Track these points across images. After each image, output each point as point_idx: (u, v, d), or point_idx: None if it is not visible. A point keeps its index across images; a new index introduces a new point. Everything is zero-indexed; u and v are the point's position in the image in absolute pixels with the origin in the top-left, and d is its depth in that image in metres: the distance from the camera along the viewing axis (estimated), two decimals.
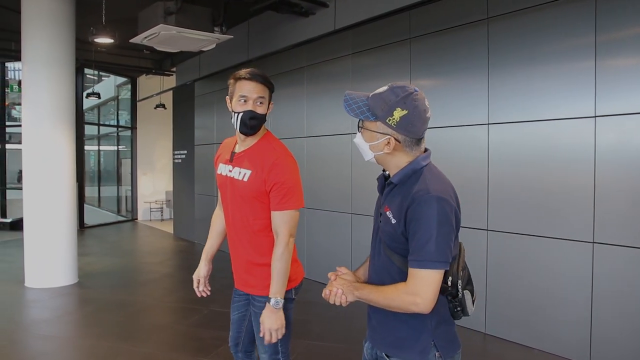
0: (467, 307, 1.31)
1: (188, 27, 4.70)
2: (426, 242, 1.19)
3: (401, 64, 4.30)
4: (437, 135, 4.03)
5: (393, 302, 1.24)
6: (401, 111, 1.26)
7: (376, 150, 1.31)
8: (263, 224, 1.77)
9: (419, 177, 1.27)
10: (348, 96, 1.32)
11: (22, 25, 4.99)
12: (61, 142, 5.07)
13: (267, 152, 1.75)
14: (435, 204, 1.21)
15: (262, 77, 1.73)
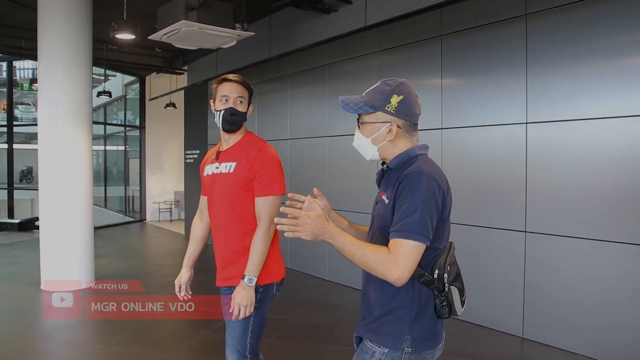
0: (454, 305, 1.32)
1: (209, 23, 4.58)
2: (410, 214, 1.22)
3: (431, 61, 4.19)
4: (471, 134, 3.93)
5: (369, 264, 1.23)
6: (398, 97, 1.36)
7: (378, 142, 1.37)
8: (248, 213, 1.87)
9: (412, 163, 1.33)
10: (343, 99, 1.40)
11: (38, 22, 4.87)
12: (78, 141, 4.96)
13: (250, 146, 1.91)
14: (424, 180, 1.25)
15: (241, 79, 1.93)
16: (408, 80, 1.44)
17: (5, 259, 6.49)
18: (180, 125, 9.18)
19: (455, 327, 3.86)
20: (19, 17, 6.16)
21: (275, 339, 3.60)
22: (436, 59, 4.15)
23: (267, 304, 1.89)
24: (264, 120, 6.31)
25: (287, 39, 5.33)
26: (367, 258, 1.23)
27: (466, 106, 3.96)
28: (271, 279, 1.88)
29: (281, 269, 1.96)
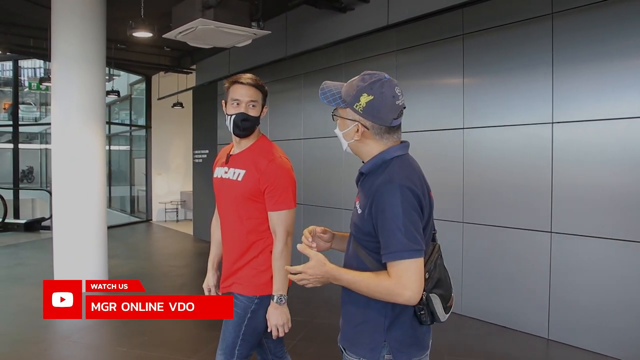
0: (436, 312, 1.26)
1: (226, 22, 4.54)
2: (395, 233, 1.17)
3: (453, 61, 4.15)
4: (494, 134, 3.90)
5: (375, 294, 1.21)
6: (367, 97, 1.25)
7: (348, 138, 1.31)
8: (255, 224, 1.80)
9: (385, 168, 1.25)
10: (324, 85, 1.33)
11: (52, 20, 4.81)
12: (92, 140, 4.90)
13: (261, 153, 1.81)
14: (398, 192, 1.19)
15: (254, 81, 1.82)
16: (428, 79, 1.36)
17: (14, 260, 6.43)
18: (187, 125, 9.12)
19: (479, 329, 3.84)
20: (28, 15, 6.10)
21: (298, 341, 3.56)
22: (457, 58, 4.12)
23: (262, 315, 1.80)
24: (276, 120, 6.27)
25: (303, 38, 5.29)
26: (372, 289, 1.21)
27: (489, 106, 3.93)
28: (269, 290, 1.80)
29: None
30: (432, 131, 4.35)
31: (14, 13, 5.51)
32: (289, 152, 6.67)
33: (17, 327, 3.86)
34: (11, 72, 20.99)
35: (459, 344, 3.60)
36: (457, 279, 4.13)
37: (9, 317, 4.12)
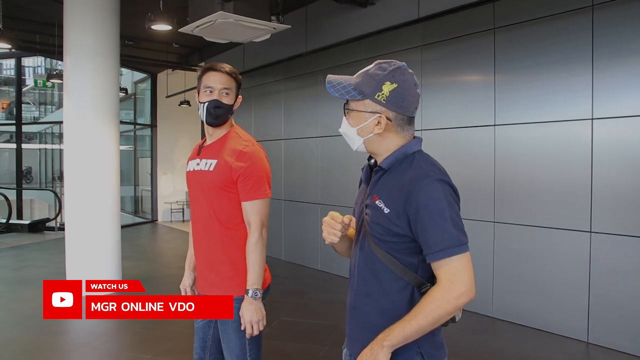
0: None
1: (246, 15, 4.40)
2: (444, 228, 1.11)
3: (483, 56, 4.03)
4: (528, 131, 3.78)
5: (437, 313, 1.11)
6: (390, 85, 1.18)
7: (365, 133, 1.21)
8: (230, 217, 1.73)
9: (411, 163, 1.19)
10: (331, 79, 1.23)
11: (64, 14, 4.65)
12: (106, 138, 4.75)
13: (233, 142, 1.75)
14: (439, 186, 1.13)
15: (228, 69, 1.76)
16: (456, 75, 1.23)
17: (23, 262, 6.25)
18: (192, 124, 8.95)
19: (514, 332, 3.72)
20: (35, 10, 5.92)
21: (330, 346, 3.42)
22: (488, 53, 3.99)
23: None
24: (291, 118, 6.13)
25: (322, 33, 5.16)
26: (431, 313, 1.11)
27: (522, 102, 3.81)
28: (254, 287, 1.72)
29: (267, 275, 1.80)
30: (461, 128, 4.23)
31: (21, 7, 5.34)
32: (304, 152, 6.51)
33: (32, 333, 3.70)
34: (12, 70, 20.71)
35: (495, 349, 3.48)
36: (487, 280, 4.01)
37: (23, 321, 3.96)
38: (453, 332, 3.74)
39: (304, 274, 5.64)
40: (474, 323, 3.92)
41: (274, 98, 6.43)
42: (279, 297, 4.62)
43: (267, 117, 6.58)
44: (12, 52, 8.81)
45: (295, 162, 6.12)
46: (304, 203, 5.86)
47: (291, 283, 5.21)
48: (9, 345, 3.47)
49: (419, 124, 4.56)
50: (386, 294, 1.19)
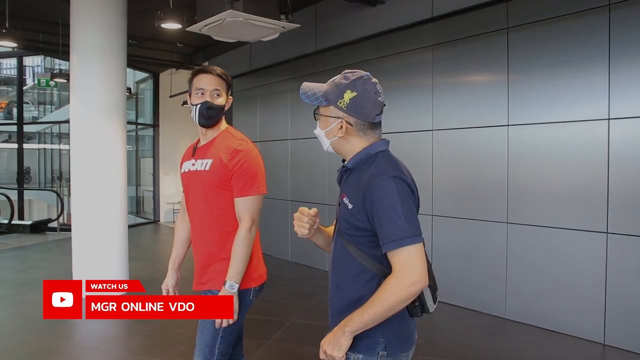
0: (426, 303, 1.28)
1: (255, 14, 4.36)
2: (395, 221, 1.19)
3: (496, 55, 4.00)
4: (542, 131, 3.75)
5: (391, 300, 1.18)
6: (351, 93, 1.29)
7: (331, 136, 1.33)
8: (226, 214, 1.76)
9: (373, 162, 1.28)
10: (304, 86, 1.34)
11: (71, 13, 4.60)
12: (113, 137, 4.69)
13: (227, 141, 1.79)
14: (392, 182, 1.22)
15: (218, 71, 1.82)
16: (468, 74, 1.24)
17: (26, 263, 6.18)
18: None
19: (530, 333, 3.68)
20: (39, 8, 5.85)
21: None
22: (502, 52, 3.96)
23: (241, 310, 1.77)
24: (297, 117, 6.08)
25: (331, 32, 5.11)
26: (386, 300, 1.18)
27: (537, 102, 3.78)
28: (247, 284, 1.77)
29: (261, 272, 1.86)
30: (473, 128, 4.19)
31: (26, 5, 5.26)
32: (311, 152, 6.42)
33: (40, 337, 3.64)
34: (12, 70, 20.57)
35: (510, 350, 3.45)
36: (500, 281, 3.98)
37: (31, 324, 3.90)
38: (467, 333, 3.73)
39: (311, 275, 5.60)
40: (487, 324, 3.89)
41: (280, 98, 6.39)
42: (288, 299, 4.58)
43: (273, 117, 6.54)
44: (14, 51, 8.74)
45: (302, 163, 6.08)
46: (311, 204, 5.81)
47: (300, 285, 5.16)
48: (18, 349, 3.41)
49: (429, 124, 4.53)
50: (355, 285, 1.29)
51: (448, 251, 4.37)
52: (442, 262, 4.41)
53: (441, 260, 4.42)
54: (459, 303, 4.26)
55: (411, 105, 4.69)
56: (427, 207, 4.52)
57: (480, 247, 4.15)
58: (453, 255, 4.34)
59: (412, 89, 4.67)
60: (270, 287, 1.13)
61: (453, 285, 4.31)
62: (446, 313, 4.15)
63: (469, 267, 4.22)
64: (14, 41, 5.02)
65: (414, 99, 4.65)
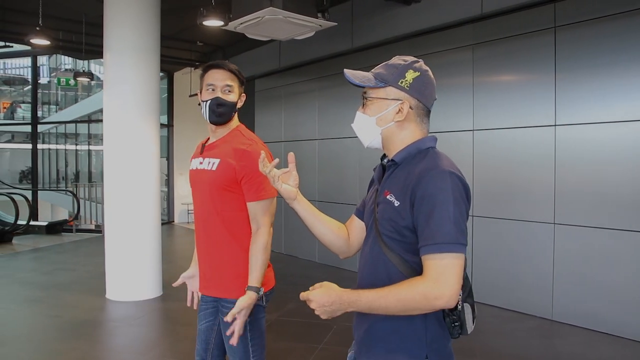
0: (466, 323, 1.14)
1: (294, 12, 4.31)
2: (443, 222, 1.04)
3: (542, 55, 3.96)
4: (592, 132, 3.71)
5: (410, 304, 1.05)
6: (414, 73, 1.18)
7: (384, 122, 1.19)
8: (235, 217, 1.69)
9: (424, 157, 1.16)
10: (349, 71, 1.21)
11: (105, 12, 4.53)
12: (147, 136, 4.62)
13: (237, 141, 1.71)
14: (448, 178, 1.08)
15: (229, 66, 1.74)
16: (512, 74, 1.17)
17: (50, 265, 6.07)
18: None
19: (580, 335, 3.64)
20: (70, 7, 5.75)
21: None
22: (548, 52, 3.92)
23: (261, 313, 1.73)
24: (326, 117, 6.02)
25: (367, 30, 5.06)
26: (403, 299, 1.05)
27: (587, 102, 3.74)
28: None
29: (269, 276, 1.77)
30: (517, 128, 4.15)
31: (55, 3, 5.16)
32: (341, 152, 6.38)
33: (86, 341, 3.57)
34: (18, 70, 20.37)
35: (567, 352, 3.40)
36: (547, 282, 3.94)
37: (74, 328, 3.81)
38: (518, 335, 3.67)
39: (341, 276, 5.53)
40: (535, 326, 3.85)
41: (307, 97, 6.33)
42: None
43: (300, 117, 6.47)
44: (29, 50, 8.63)
45: (330, 163, 6.02)
46: (341, 204, 5.76)
47: None
48: (66, 354, 3.33)
49: (469, 124, 4.48)
50: None
51: (490, 252, 4.33)
52: (484, 264, 4.37)
53: (483, 262, 4.38)
54: (503, 305, 4.22)
55: (450, 105, 4.64)
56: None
57: (525, 248, 4.10)
58: (495, 257, 4.30)
59: (451, 89, 4.63)
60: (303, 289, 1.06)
61: (496, 287, 4.26)
62: (491, 315, 4.11)
63: (513, 269, 4.18)
64: (48, 39, 4.93)
65: (453, 99, 4.61)
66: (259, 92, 7.23)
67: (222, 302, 1.72)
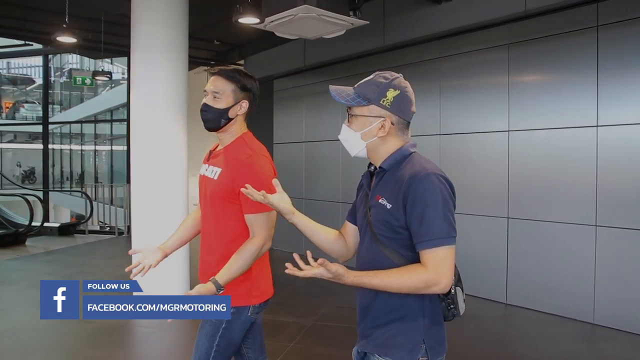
0: (459, 305, 1.29)
1: (327, 10, 4.25)
2: (435, 220, 1.19)
3: (583, 54, 3.90)
4: (637, 132, 3.64)
5: (407, 287, 1.21)
6: (394, 91, 1.29)
7: (369, 137, 1.31)
8: (232, 228, 1.68)
9: (410, 162, 1.29)
10: (335, 87, 1.34)
11: (132, 9, 4.42)
12: (176, 134, 4.54)
13: (238, 151, 1.69)
14: (435, 180, 1.22)
15: (226, 71, 1.70)
16: (550, 73, 1.15)
17: (69, 267, 5.95)
18: None
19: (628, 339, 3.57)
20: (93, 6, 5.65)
21: None
22: (590, 51, 3.85)
23: (237, 327, 1.68)
24: None
25: (399, 29, 4.98)
26: (405, 284, 1.20)
27: (630, 102, 3.68)
28: (246, 301, 1.67)
29: (264, 290, 1.74)
30: (556, 129, 4.08)
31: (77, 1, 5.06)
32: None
33: (123, 346, 3.47)
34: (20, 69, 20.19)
35: (617, 357, 3.33)
36: (588, 285, 3.87)
37: (107, 335, 3.71)
38: (562, 339, 3.59)
39: None
40: (578, 330, 3.78)
41: (330, 97, 6.24)
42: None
43: (322, 117, 6.39)
44: (40, 49, 8.52)
45: (355, 163, 5.93)
46: None
47: None
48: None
49: (504, 125, 4.42)
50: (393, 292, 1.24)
51: (526, 254, 4.26)
52: (520, 266, 4.30)
53: (519, 264, 4.32)
54: (540, 308, 4.15)
55: (484, 106, 4.58)
56: (503, 209, 4.41)
57: (564, 251, 4.03)
58: (532, 259, 4.23)
59: (485, 89, 4.56)
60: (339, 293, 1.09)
61: (533, 290, 4.20)
62: (530, 318, 4.04)
63: (551, 271, 4.11)
64: (74, 37, 4.84)
65: (488, 99, 4.54)
66: (277, 92, 7.15)
67: None
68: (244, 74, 1.73)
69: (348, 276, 1.20)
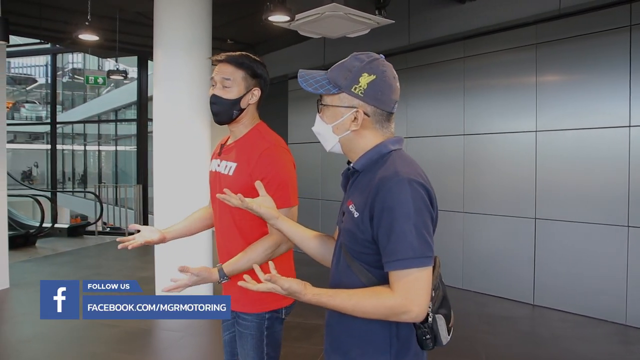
0: (440, 334, 1.08)
1: (354, 8, 4.21)
2: (405, 236, 0.99)
3: (615, 54, 3.88)
4: None
5: (375, 314, 1.02)
6: (368, 76, 1.08)
7: (341, 131, 1.11)
8: (251, 226, 1.54)
9: (385, 162, 1.08)
10: (303, 72, 1.14)
11: (155, 7, 4.37)
12: (200, 135, 4.48)
13: (255, 143, 1.54)
14: (408, 187, 1.01)
15: (234, 57, 1.52)
16: (581, 72, 1.03)
17: (84, 269, 5.87)
18: None
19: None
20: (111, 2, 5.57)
21: None
22: (623, 51, 3.83)
23: (277, 329, 1.62)
24: None
25: (424, 28, 4.95)
26: (368, 311, 1.02)
27: None
28: (280, 304, 1.58)
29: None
30: (587, 129, 4.06)
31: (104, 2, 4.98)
32: None
33: (153, 351, 3.40)
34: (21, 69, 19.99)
35: None
36: (621, 287, 3.84)
37: (137, 339, 3.64)
38: (598, 341, 3.56)
39: None
40: (612, 332, 3.75)
41: None
42: None
43: None
44: (48, 48, 8.42)
45: None
46: None
47: None
48: None
49: (532, 125, 4.39)
50: (358, 317, 1.06)
51: (554, 256, 4.23)
52: (548, 267, 4.27)
53: (547, 266, 4.28)
54: (569, 309, 4.12)
55: (510, 106, 4.55)
56: (530, 210, 4.38)
57: (594, 252, 4.00)
58: (560, 260, 4.20)
59: (512, 89, 4.53)
60: None
61: (562, 291, 4.17)
62: (560, 319, 4.01)
63: (581, 272, 4.08)
64: (96, 34, 4.77)
65: (514, 99, 4.51)
66: (292, 91, 7.10)
67: (238, 314, 1.61)
68: (252, 58, 1.56)
69: (305, 293, 1.04)
